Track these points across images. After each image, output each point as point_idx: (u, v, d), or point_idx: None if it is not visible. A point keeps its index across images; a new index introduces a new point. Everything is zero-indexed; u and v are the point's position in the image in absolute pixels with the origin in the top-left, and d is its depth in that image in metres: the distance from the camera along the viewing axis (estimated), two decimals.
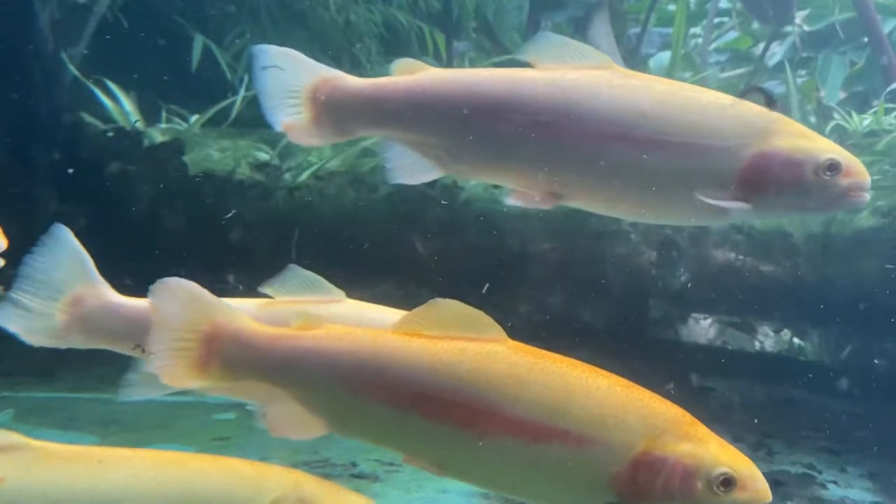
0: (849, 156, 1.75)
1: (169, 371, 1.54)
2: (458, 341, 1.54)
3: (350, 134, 1.83)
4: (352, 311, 1.88)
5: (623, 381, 1.54)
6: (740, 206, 1.71)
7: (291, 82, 1.79)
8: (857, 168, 1.75)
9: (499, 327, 1.58)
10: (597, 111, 1.71)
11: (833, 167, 1.71)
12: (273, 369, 1.56)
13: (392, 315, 1.91)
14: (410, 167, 1.80)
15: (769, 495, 1.50)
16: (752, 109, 1.77)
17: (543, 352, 1.59)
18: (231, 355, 1.55)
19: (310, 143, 1.83)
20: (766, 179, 1.71)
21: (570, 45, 1.77)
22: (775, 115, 1.77)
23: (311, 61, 1.81)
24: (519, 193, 1.78)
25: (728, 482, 1.46)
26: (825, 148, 1.74)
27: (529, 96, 1.73)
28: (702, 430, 1.52)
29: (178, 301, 1.55)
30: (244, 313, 1.61)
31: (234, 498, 1.66)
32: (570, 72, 1.75)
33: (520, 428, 1.48)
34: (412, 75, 1.80)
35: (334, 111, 1.79)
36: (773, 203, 1.73)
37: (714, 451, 1.48)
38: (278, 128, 1.79)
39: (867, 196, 1.76)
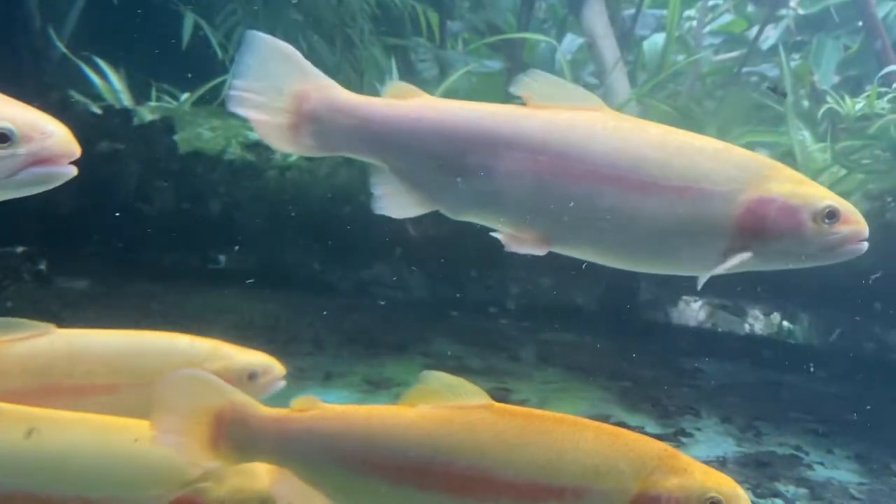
0: (846, 203, 1.73)
1: (184, 448, 1.61)
2: (446, 411, 1.60)
3: (331, 150, 1.75)
4: (61, 340, 1.90)
5: (608, 428, 1.61)
6: (742, 257, 1.69)
7: (280, 80, 1.70)
8: (855, 216, 1.72)
9: (483, 392, 1.63)
10: (593, 153, 1.67)
11: (832, 214, 1.69)
12: (274, 450, 1.64)
13: (102, 339, 1.94)
14: (397, 198, 1.74)
15: None
16: (746, 155, 1.74)
17: (529, 411, 1.65)
18: (237, 436, 1.63)
19: (284, 149, 1.74)
20: (764, 225, 1.68)
21: (561, 84, 1.75)
22: (769, 160, 1.75)
23: (307, 64, 1.72)
24: (510, 237, 1.72)
25: None
26: (823, 195, 1.72)
27: (526, 134, 1.69)
28: (685, 460, 1.60)
29: (189, 389, 1.63)
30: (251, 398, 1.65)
31: (173, 461, 1.68)
32: (565, 112, 1.71)
33: (516, 490, 1.55)
34: (406, 100, 1.74)
35: (319, 123, 1.71)
36: (773, 250, 1.70)
37: (700, 478, 1.57)
38: (240, 113, 1.70)
39: (866, 245, 1.73)
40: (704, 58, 6.73)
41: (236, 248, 5.15)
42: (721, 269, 1.73)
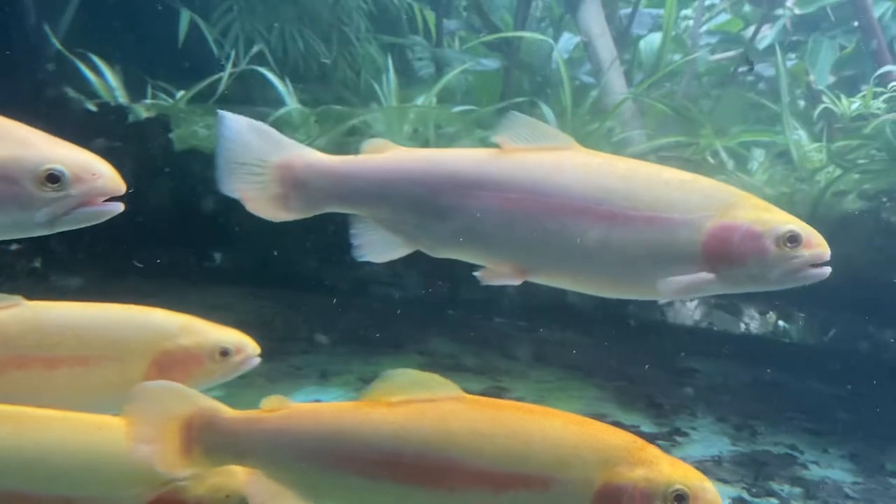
0: (809, 228, 1.79)
1: (157, 457, 1.63)
2: (417, 404, 1.63)
3: (318, 209, 1.86)
4: (30, 312, 1.91)
5: (577, 419, 1.63)
6: (704, 277, 1.75)
7: (259, 156, 1.81)
8: (817, 240, 1.79)
9: (454, 385, 1.66)
10: (561, 187, 1.76)
11: (793, 238, 1.76)
12: (246, 451, 1.65)
13: (73, 311, 1.94)
14: (378, 244, 1.85)
15: (719, 502, 1.62)
16: (712, 184, 1.82)
17: (500, 401, 1.69)
18: (208, 441, 1.65)
19: (276, 218, 1.84)
20: (728, 250, 1.75)
21: (536, 125, 1.84)
22: (734, 189, 1.83)
23: (282, 137, 1.84)
24: (487, 270, 1.82)
25: (681, 497, 1.58)
26: (786, 220, 1.78)
27: (496, 175, 1.79)
28: (653, 452, 1.61)
29: (157, 399, 1.66)
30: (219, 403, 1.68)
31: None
32: (535, 152, 1.81)
33: (485, 479, 1.58)
34: (381, 154, 1.85)
35: (304, 188, 1.83)
36: (738, 274, 1.77)
37: (666, 470, 1.59)
38: (232, 195, 1.82)
39: (828, 270, 1.79)
40: (701, 57, 6.74)
41: (232, 246, 5.14)
42: (687, 294, 1.79)
